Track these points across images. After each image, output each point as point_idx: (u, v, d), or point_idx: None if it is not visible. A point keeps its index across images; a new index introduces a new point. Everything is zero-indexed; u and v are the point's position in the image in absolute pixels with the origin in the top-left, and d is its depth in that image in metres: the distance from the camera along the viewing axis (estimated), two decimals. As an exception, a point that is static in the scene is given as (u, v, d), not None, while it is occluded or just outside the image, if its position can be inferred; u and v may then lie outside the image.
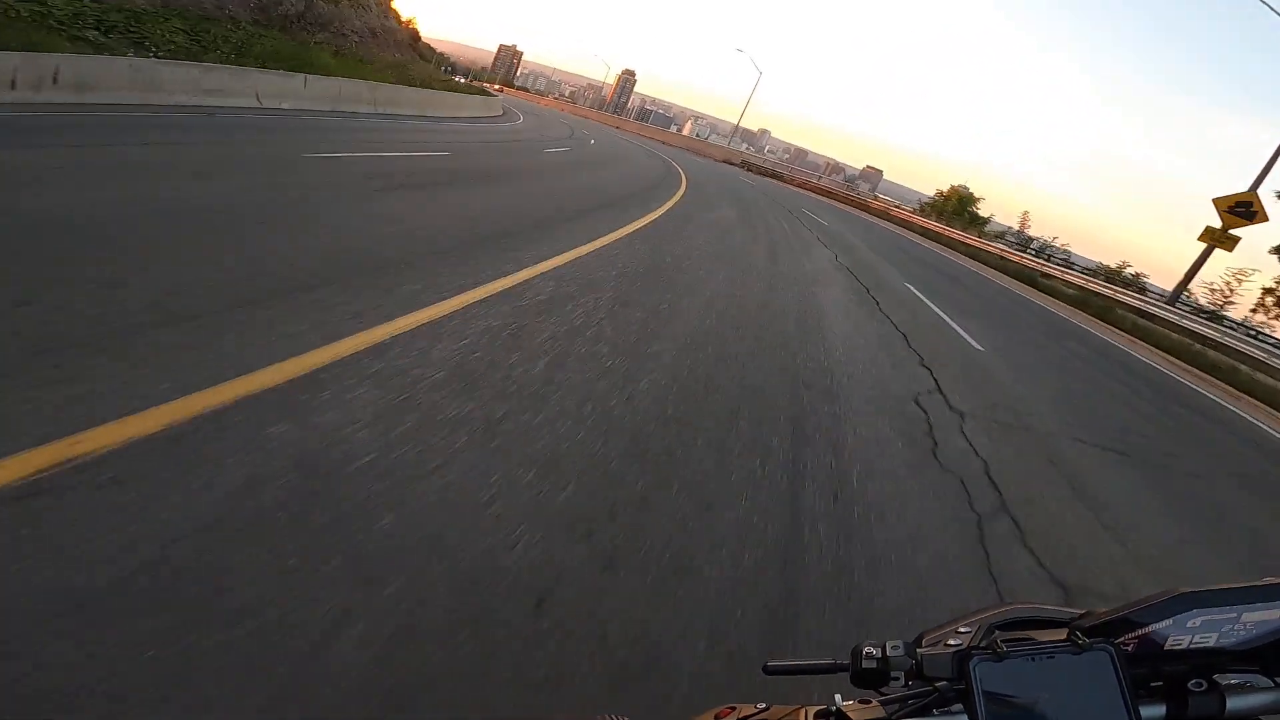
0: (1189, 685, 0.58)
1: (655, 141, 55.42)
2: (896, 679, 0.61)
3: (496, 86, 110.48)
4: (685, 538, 2.77)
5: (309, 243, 5.18)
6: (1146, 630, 0.56)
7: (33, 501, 1.97)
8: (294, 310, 3.79)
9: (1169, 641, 0.56)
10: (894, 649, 0.61)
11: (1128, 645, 0.56)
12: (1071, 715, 0.52)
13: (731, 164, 48.52)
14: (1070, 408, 7.24)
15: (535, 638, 2.03)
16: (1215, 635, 0.55)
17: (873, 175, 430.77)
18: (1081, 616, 0.61)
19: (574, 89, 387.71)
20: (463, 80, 53.83)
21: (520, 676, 1.88)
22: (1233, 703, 0.58)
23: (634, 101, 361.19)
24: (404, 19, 38.99)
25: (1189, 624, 0.55)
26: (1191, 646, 0.56)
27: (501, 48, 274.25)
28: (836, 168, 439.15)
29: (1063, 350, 11.60)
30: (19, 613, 1.64)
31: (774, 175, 50.97)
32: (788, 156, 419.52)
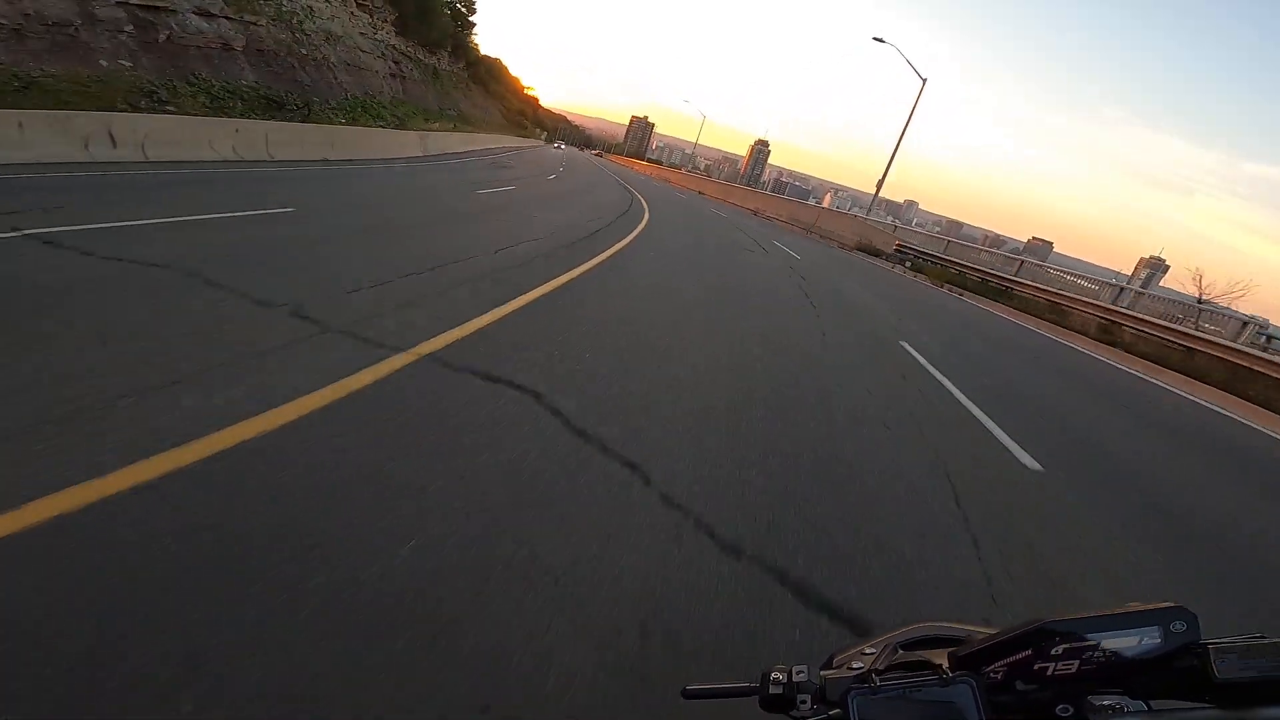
0: (1056, 711, 0.60)
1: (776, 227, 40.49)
2: (804, 702, 0.63)
3: (559, 144, 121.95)
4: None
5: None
6: (1013, 659, 0.59)
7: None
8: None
9: (1034, 669, 0.58)
10: (799, 674, 0.64)
11: (996, 674, 0.59)
12: None
13: (875, 253, 24.53)
14: None
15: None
16: (1077, 663, 0.58)
17: (1039, 248, 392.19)
18: (963, 643, 0.63)
19: (709, 162, 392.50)
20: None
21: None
22: None
23: (768, 174, 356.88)
24: (526, 88, 43.37)
25: (1052, 652, 0.58)
26: (1055, 674, 0.58)
27: (634, 119, 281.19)
28: (995, 240, 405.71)
29: None
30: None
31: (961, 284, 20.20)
32: (939, 229, 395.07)
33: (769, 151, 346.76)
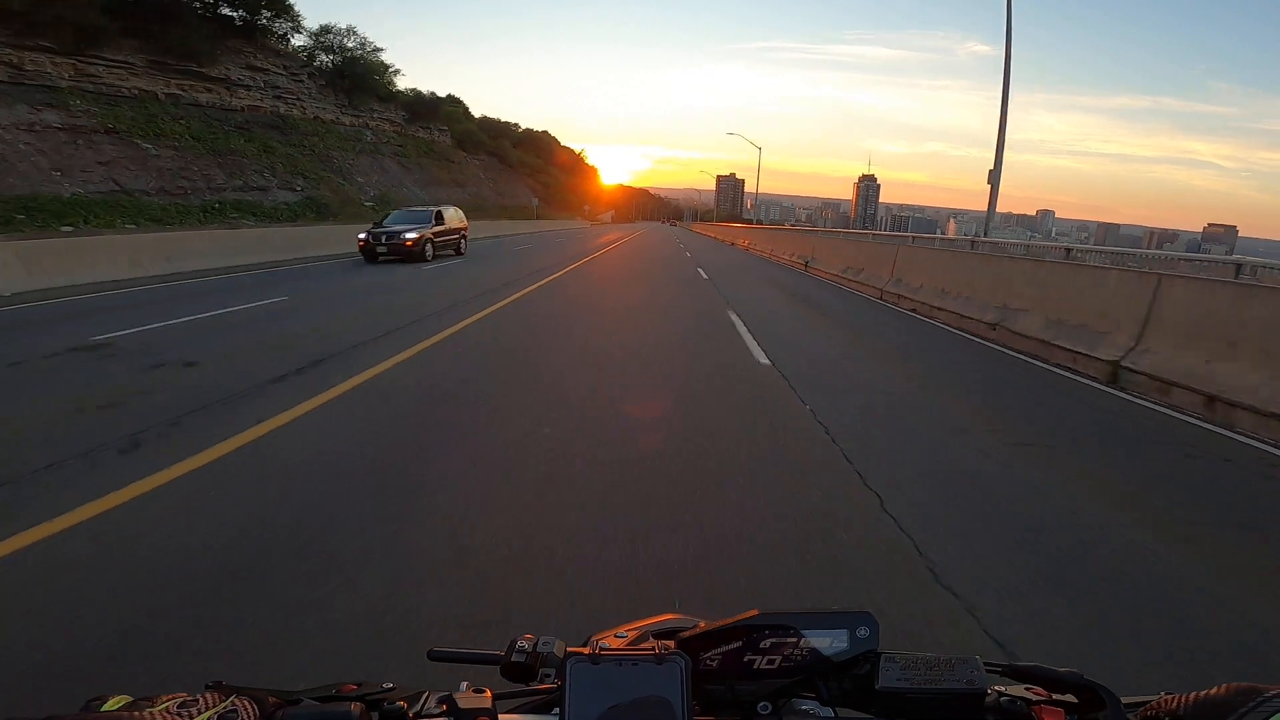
0: (758, 708, 0.61)
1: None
2: (549, 676, 0.64)
3: (608, 216, 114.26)
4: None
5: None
6: (726, 649, 0.59)
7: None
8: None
9: (743, 661, 0.59)
10: (545, 645, 0.64)
11: (712, 661, 0.59)
12: (646, 717, 0.55)
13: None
14: None
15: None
16: (779, 658, 0.59)
17: (1220, 235, 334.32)
18: (692, 630, 0.63)
19: (808, 210, 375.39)
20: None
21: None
22: None
23: (881, 213, 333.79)
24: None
25: (760, 645, 0.59)
26: (760, 668, 0.59)
27: (720, 180, 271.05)
28: (1164, 236, 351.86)
29: None
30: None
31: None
32: (1086, 236, 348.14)
33: (879, 185, 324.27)
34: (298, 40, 39.06)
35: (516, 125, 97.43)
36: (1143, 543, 2.88)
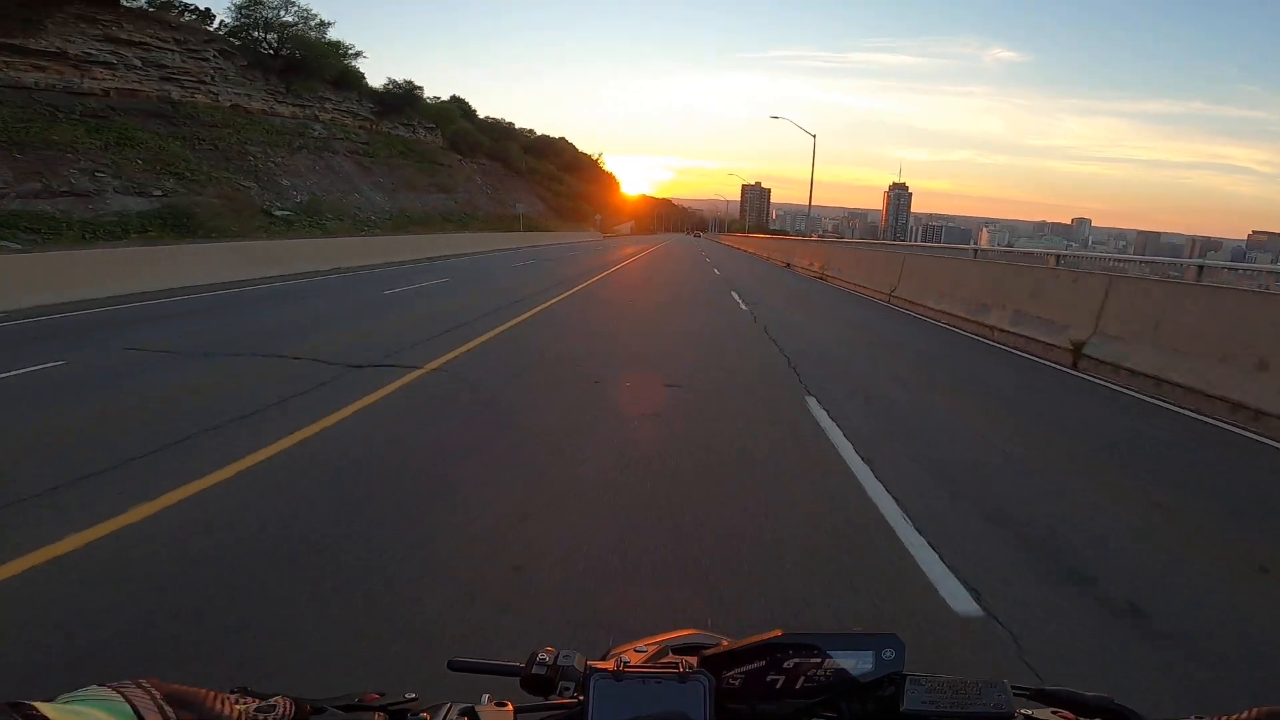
0: None
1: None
2: (568, 689, 0.61)
3: (626, 227, 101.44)
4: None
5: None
6: (749, 667, 0.59)
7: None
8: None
9: (766, 680, 0.58)
10: (565, 658, 0.62)
11: (734, 680, 0.59)
12: None
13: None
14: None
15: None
16: (802, 679, 0.58)
17: (1264, 243, 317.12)
18: (715, 649, 0.63)
19: (834, 220, 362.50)
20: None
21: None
22: None
23: (912, 223, 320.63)
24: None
25: (784, 665, 0.58)
26: (782, 688, 0.58)
27: (745, 189, 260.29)
28: (1208, 244, 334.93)
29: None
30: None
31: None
32: (1124, 245, 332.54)
33: (910, 194, 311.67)
34: (221, 15, 30.80)
35: (531, 131, 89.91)
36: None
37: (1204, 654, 2.20)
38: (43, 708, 0.39)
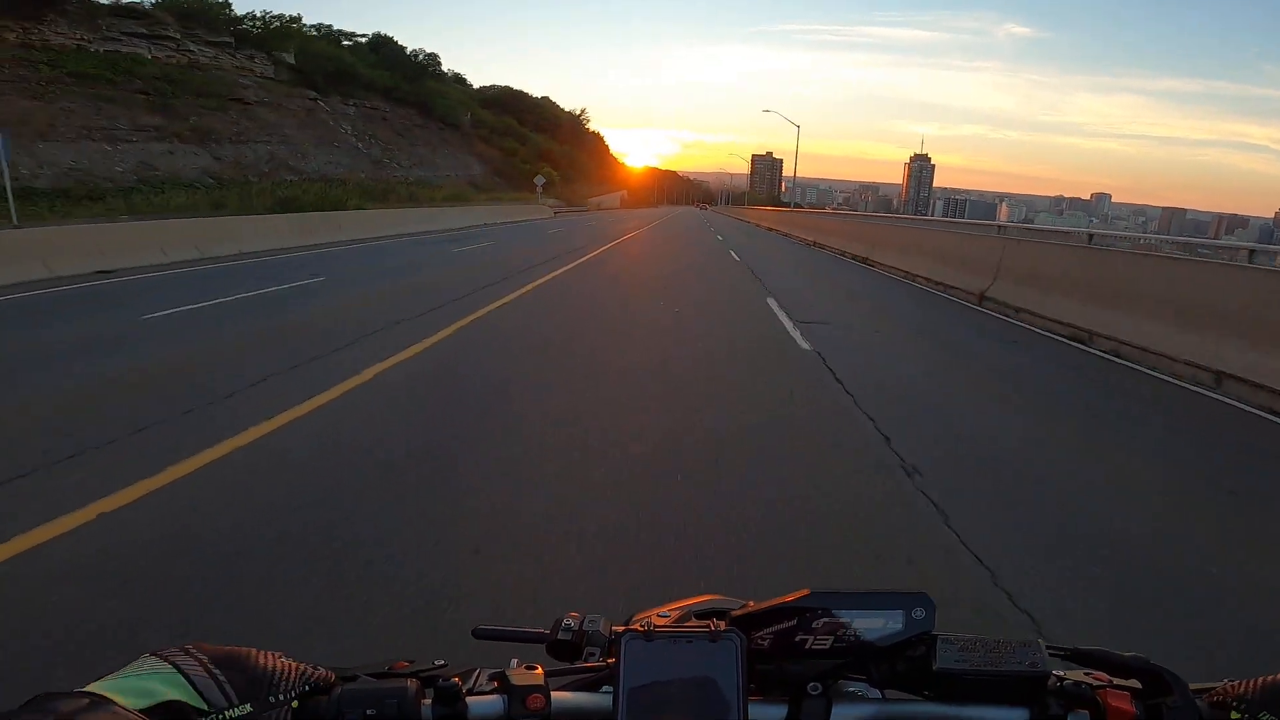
0: (807, 688, 0.60)
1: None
2: (594, 655, 0.63)
3: (614, 199, 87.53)
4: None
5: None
6: (779, 628, 0.59)
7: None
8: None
9: (795, 640, 0.59)
10: (591, 623, 0.64)
11: (764, 640, 0.59)
12: (698, 694, 0.56)
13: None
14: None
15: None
16: (831, 639, 0.58)
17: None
18: (742, 610, 0.63)
19: (846, 194, 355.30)
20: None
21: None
22: (838, 710, 0.60)
23: (934, 197, 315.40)
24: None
25: (813, 625, 0.58)
26: (812, 648, 0.59)
27: (755, 159, 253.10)
28: (1234, 221, 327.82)
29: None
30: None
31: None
32: (1144, 221, 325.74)
33: (933, 167, 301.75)
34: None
35: (492, 86, 78.16)
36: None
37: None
38: (106, 691, 0.41)
